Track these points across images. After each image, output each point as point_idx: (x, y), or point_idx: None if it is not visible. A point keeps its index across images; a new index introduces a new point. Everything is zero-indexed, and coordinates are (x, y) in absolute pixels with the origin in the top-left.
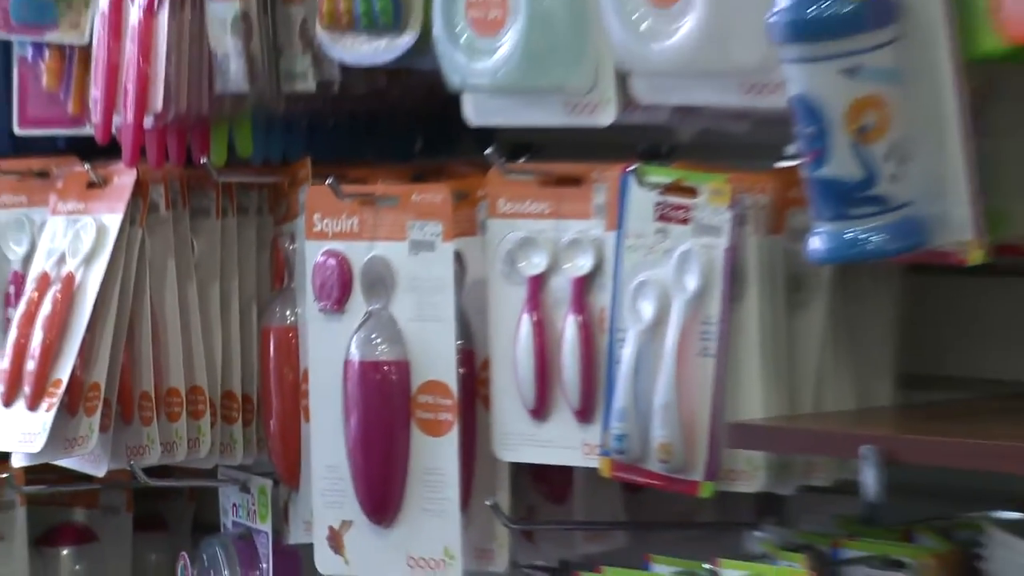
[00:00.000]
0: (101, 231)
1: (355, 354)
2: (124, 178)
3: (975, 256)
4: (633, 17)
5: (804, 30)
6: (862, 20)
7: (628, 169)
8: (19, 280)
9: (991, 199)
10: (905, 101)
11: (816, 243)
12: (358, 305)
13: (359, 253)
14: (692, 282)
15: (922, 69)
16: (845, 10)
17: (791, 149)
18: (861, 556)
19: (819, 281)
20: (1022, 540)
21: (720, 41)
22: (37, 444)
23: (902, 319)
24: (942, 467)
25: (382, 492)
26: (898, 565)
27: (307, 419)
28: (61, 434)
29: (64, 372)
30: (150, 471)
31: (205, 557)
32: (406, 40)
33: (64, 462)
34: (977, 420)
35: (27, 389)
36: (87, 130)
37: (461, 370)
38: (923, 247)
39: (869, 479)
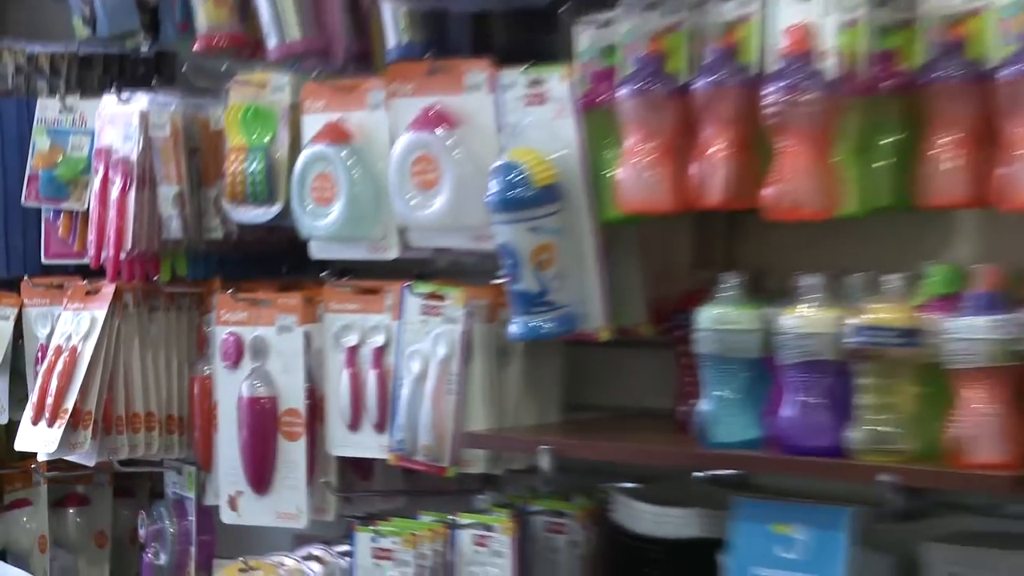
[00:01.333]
0: (93, 321)
1: (245, 393)
2: (107, 289)
3: (604, 335)
4: (407, 197)
5: (505, 205)
6: (539, 200)
7: (405, 285)
8: (43, 349)
9: (613, 302)
10: (565, 245)
11: (513, 328)
12: (247, 364)
13: (247, 333)
14: (442, 351)
15: (575, 227)
16: (529, 194)
17: (499, 273)
18: (541, 510)
19: (516, 350)
20: (634, 500)
21: (458, 210)
22: (52, 447)
23: (565, 371)
24: (588, 457)
25: (260, 474)
26: (561, 515)
27: (216, 431)
28: (68, 441)
29: (70, 404)
30: (122, 462)
31: (156, 514)
32: (276, 208)
33: (70, 457)
34: (610, 431)
35: (47, 414)
36: (85, 260)
37: (308, 402)
38: (575, 331)
39: (544, 465)
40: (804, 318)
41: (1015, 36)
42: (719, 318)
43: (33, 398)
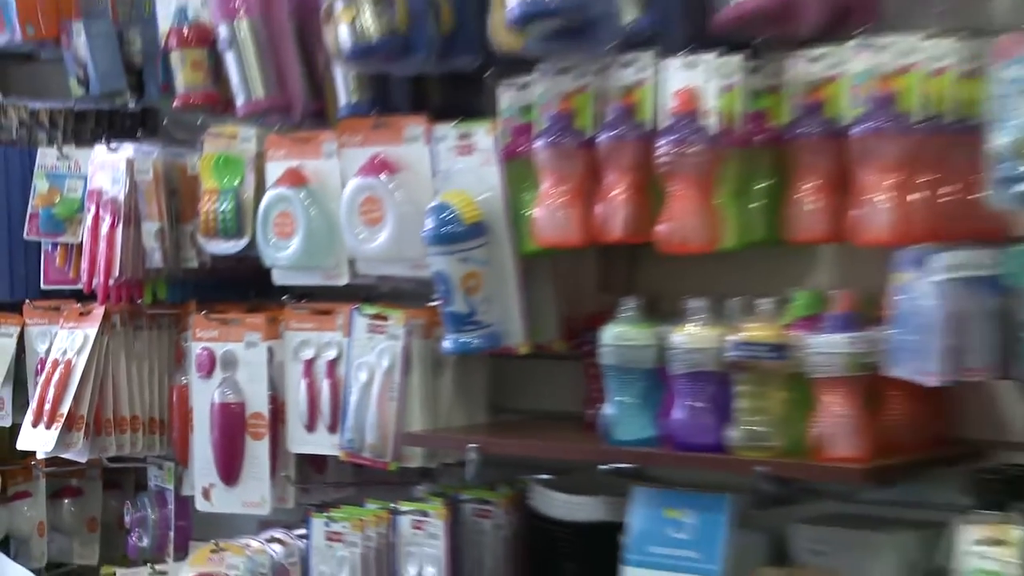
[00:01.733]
0: (85, 338)
1: (216, 399)
2: (98, 311)
3: (523, 349)
4: (356, 231)
5: (439, 239)
6: (468, 234)
7: (354, 307)
8: (42, 362)
9: (531, 322)
10: (490, 273)
11: (446, 344)
12: (218, 374)
13: (219, 348)
14: (385, 363)
15: (499, 258)
16: (459, 230)
17: (434, 297)
18: (470, 498)
19: (449, 362)
20: (549, 489)
21: (399, 243)
22: (50, 446)
23: (490, 380)
24: (510, 453)
25: (230, 469)
26: (487, 502)
27: (192, 432)
28: (63, 441)
29: (65, 408)
30: (111, 459)
31: (140, 503)
32: (243, 241)
33: (65, 455)
34: (528, 430)
35: (45, 418)
36: (79, 286)
37: (270, 407)
38: (499, 347)
39: (473, 460)
40: (691, 335)
41: (864, 99)
42: (620, 335)
43: (33, 404)
